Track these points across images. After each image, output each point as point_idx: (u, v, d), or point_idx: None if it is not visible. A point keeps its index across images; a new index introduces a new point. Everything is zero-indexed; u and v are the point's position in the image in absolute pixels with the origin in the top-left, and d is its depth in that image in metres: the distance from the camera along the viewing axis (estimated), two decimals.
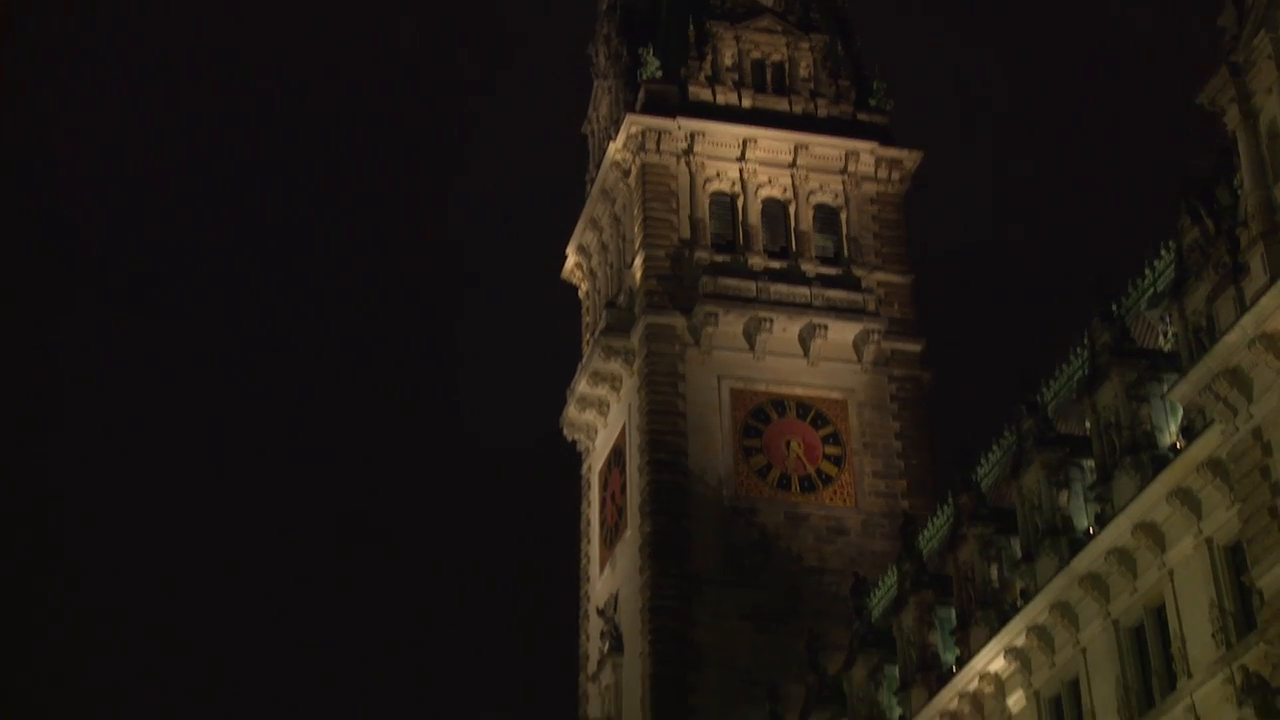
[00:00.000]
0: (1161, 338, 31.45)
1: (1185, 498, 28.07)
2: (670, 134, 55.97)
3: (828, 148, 56.69)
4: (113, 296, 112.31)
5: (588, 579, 56.85)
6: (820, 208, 56.48)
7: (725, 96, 57.31)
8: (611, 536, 54.74)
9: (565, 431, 58.64)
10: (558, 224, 62.00)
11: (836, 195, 56.60)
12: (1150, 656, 29.34)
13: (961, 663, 34.26)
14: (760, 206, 56.03)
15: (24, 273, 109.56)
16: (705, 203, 55.91)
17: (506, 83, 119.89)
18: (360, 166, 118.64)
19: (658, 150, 55.90)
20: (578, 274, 61.69)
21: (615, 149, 56.63)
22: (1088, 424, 31.55)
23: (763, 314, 53.45)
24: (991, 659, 33.03)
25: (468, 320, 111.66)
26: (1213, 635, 27.30)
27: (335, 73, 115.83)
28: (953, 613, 35.62)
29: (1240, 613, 26.98)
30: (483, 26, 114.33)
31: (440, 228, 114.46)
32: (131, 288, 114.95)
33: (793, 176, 56.40)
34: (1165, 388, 29.24)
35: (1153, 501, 28.65)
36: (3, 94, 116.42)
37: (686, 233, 55.34)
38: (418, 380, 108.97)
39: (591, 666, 54.56)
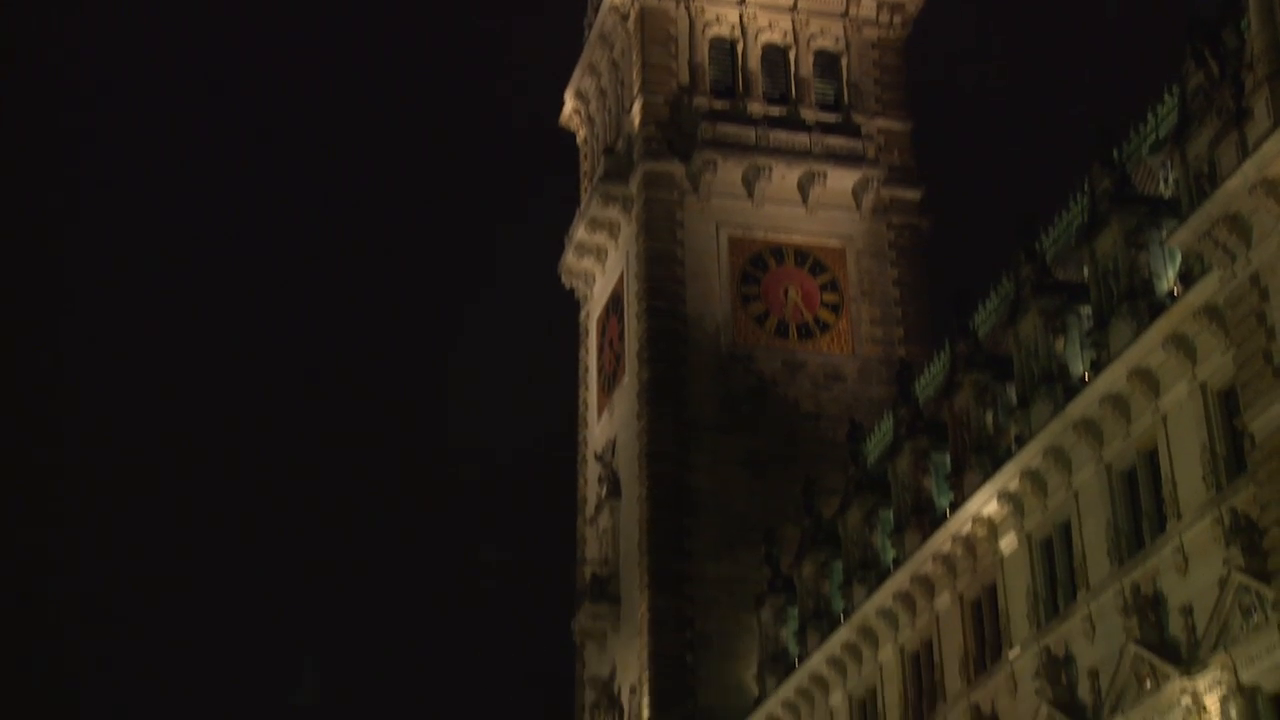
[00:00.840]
0: (1162, 184, 31.31)
1: (1181, 343, 28.19)
2: None
3: None
4: (111, 301, 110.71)
5: (585, 424, 57.32)
6: (820, 53, 55.81)
7: None
8: (609, 383, 55.05)
9: (563, 279, 58.64)
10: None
11: (837, 40, 55.92)
12: (1141, 499, 29.70)
13: (955, 507, 34.67)
14: (760, 52, 55.34)
15: (23, 272, 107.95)
16: (704, 48, 55.23)
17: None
18: (361, 159, 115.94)
19: None
20: (576, 120, 61.13)
21: None
22: (1086, 271, 31.53)
23: (762, 161, 53.11)
24: (985, 503, 33.41)
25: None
26: (1203, 478, 27.61)
27: (331, 70, 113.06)
28: (947, 458, 35.96)
29: (1231, 456, 27.26)
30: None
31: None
32: (129, 297, 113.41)
33: (793, 21, 55.64)
34: (1165, 234, 29.16)
35: (1148, 347, 28.76)
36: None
37: (685, 79, 54.74)
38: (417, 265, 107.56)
39: (589, 510, 55.23)
